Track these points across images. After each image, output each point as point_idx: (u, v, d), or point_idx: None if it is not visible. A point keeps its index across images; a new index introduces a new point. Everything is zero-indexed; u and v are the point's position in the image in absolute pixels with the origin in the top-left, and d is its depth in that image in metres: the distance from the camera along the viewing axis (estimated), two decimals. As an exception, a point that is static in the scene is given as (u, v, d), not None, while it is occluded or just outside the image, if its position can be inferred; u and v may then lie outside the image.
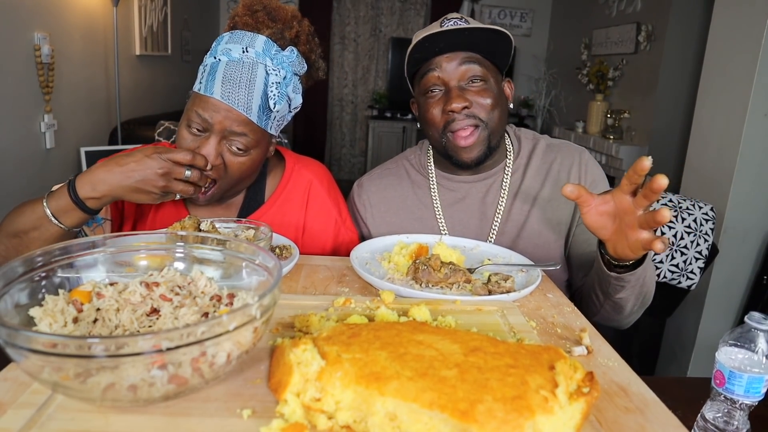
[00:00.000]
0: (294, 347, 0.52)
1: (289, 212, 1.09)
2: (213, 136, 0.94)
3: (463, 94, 1.03)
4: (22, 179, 2.25)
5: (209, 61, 0.96)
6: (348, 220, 1.16)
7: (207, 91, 0.93)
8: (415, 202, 1.17)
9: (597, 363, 0.64)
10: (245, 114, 0.93)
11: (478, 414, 0.44)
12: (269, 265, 0.61)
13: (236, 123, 0.93)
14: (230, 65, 0.93)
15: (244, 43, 0.95)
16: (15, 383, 0.53)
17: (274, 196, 1.09)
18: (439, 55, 1.04)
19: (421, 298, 0.79)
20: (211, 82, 0.93)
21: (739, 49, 2.01)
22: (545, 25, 5.37)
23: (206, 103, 0.93)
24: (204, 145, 0.94)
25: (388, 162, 1.27)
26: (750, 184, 2.03)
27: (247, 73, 0.93)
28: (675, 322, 2.28)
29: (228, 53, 0.94)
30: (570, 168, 1.12)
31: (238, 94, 0.92)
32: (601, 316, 1.03)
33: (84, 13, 2.66)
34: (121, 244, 0.68)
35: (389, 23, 5.49)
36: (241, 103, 0.93)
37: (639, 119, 3.56)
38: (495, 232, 1.11)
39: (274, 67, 0.95)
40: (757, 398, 0.72)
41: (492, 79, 1.06)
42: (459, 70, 1.03)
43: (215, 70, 0.94)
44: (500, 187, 1.13)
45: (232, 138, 0.94)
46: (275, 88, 0.95)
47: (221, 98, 0.92)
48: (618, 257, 0.84)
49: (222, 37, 0.98)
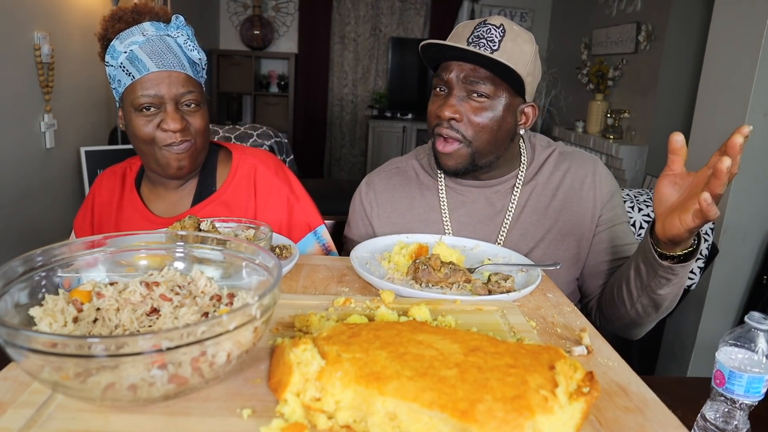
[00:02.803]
0: (294, 347, 0.52)
1: (240, 197, 1.14)
2: (168, 105, 1.01)
3: (460, 104, 1.00)
4: (22, 179, 2.25)
5: (120, 58, 1.01)
6: (303, 197, 1.18)
7: (142, 72, 0.99)
8: (422, 203, 1.15)
9: (597, 363, 0.64)
10: (183, 71, 1.02)
11: (478, 414, 0.44)
12: (269, 264, 0.61)
13: (181, 84, 1.01)
14: (145, 46, 1.00)
15: (138, 32, 1.01)
16: (15, 383, 0.53)
17: (225, 185, 1.14)
18: (451, 60, 1.01)
19: (421, 297, 0.79)
20: (139, 64, 0.99)
21: (739, 49, 2.01)
22: (545, 25, 5.37)
23: (148, 81, 0.99)
24: (165, 117, 1.00)
25: (398, 159, 1.24)
26: (750, 184, 2.03)
27: (161, 43, 1.02)
28: (675, 322, 2.28)
29: (134, 43, 1.00)
30: (584, 179, 1.09)
31: (168, 59, 1.01)
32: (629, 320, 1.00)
33: (84, 13, 2.66)
34: (121, 243, 0.68)
35: (389, 23, 5.48)
36: (176, 64, 1.01)
37: (639, 119, 3.56)
38: (502, 239, 1.10)
39: (176, 32, 1.04)
40: (757, 398, 0.72)
41: (501, 99, 1.00)
42: (465, 81, 1.00)
43: (135, 56, 1.00)
44: (510, 194, 1.11)
45: (183, 99, 1.02)
46: (189, 43, 1.04)
47: (159, 68, 0.99)
48: (664, 237, 0.83)
49: (113, 44, 1.02)
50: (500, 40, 0.98)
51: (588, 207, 1.08)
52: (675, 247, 0.86)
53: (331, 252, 1.18)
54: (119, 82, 1.02)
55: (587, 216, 1.08)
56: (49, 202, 2.45)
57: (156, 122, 1.01)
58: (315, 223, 1.17)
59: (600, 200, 1.09)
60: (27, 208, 2.29)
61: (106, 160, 2.68)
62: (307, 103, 5.37)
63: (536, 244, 1.08)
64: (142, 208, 1.13)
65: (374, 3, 5.40)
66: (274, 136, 2.65)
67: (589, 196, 1.09)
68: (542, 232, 1.09)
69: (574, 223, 1.08)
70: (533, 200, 1.10)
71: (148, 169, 1.11)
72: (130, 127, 1.03)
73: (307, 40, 5.28)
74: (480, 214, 1.12)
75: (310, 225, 1.16)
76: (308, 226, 1.16)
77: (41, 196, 2.39)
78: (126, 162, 1.22)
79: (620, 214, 1.11)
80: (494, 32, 0.98)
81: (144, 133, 1.01)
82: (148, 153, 1.04)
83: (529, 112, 1.06)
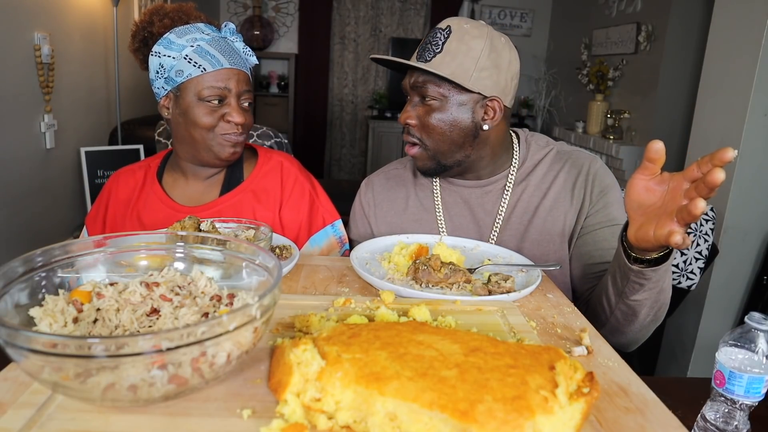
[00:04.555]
0: (294, 347, 0.52)
1: (267, 188, 1.19)
2: (232, 99, 1.08)
3: (414, 110, 1.06)
4: (22, 179, 2.25)
5: (186, 51, 1.05)
6: (322, 193, 1.24)
7: (215, 66, 1.05)
8: (417, 204, 1.17)
9: (597, 363, 0.64)
10: (247, 72, 1.11)
11: (478, 414, 0.44)
12: (269, 265, 0.61)
13: (245, 83, 1.10)
14: (213, 43, 1.07)
15: (197, 30, 1.07)
16: (15, 383, 0.53)
17: (252, 175, 1.20)
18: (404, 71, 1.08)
19: (421, 298, 0.79)
20: (212, 59, 1.05)
21: (739, 49, 2.01)
22: (545, 25, 5.36)
23: (221, 74, 1.06)
24: (230, 110, 1.07)
25: (397, 162, 1.28)
26: (750, 184, 2.03)
27: (227, 44, 1.09)
28: (675, 322, 2.28)
29: (200, 39, 1.06)
30: (576, 178, 1.09)
31: (237, 58, 1.09)
32: (610, 327, 0.97)
33: (84, 13, 2.66)
34: (121, 244, 0.68)
35: (389, 23, 5.48)
36: (242, 65, 1.10)
37: (639, 119, 3.56)
38: (494, 239, 1.10)
39: (233, 37, 1.12)
40: (757, 398, 0.72)
41: (451, 99, 1.01)
42: (414, 87, 1.05)
43: (205, 50, 1.05)
44: (501, 194, 1.12)
45: (243, 97, 1.10)
46: (247, 49, 1.13)
47: (231, 65, 1.07)
48: (637, 244, 0.79)
49: (168, 38, 1.06)
50: (444, 42, 1.01)
51: (576, 207, 1.08)
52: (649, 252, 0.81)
53: (345, 245, 1.24)
54: (180, 73, 1.06)
55: (575, 216, 1.07)
56: (49, 202, 2.45)
57: (220, 113, 1.07)
58: (332, 217, 1.23)
59: (589, 200, 1.07)
60: (27, 209, 2.29)
61: (106, 160, 2.68)
62: (307, 103, 5.37)
63: (524, 244, 1.09)
64: (165, 198, 1.17)
65: (374, 3, 5.40)
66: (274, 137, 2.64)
67: (580, 195, 1.08)
68: (531, 231, 1.09)
69: (563, 223, 1.08)
70: (525, 200, 1.10)
71: (189, 157, 1.14)
72: (189, 115, 1.07)
73: (307, 41, 5.28)
74: (472, 213, 1.13)
75: (327, 219, 1.23)
76: (325, 219, 1.22)
77: (41, 196, 2.39)
78: (144, 161, 1.26)
79: (614, 215, 1.07)
80: (439, 35, 1.02)
81: (206, 122, 1.07)
82: (201, 140, 1.09)
83: (494, 105, 1.04)
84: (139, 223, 1.15)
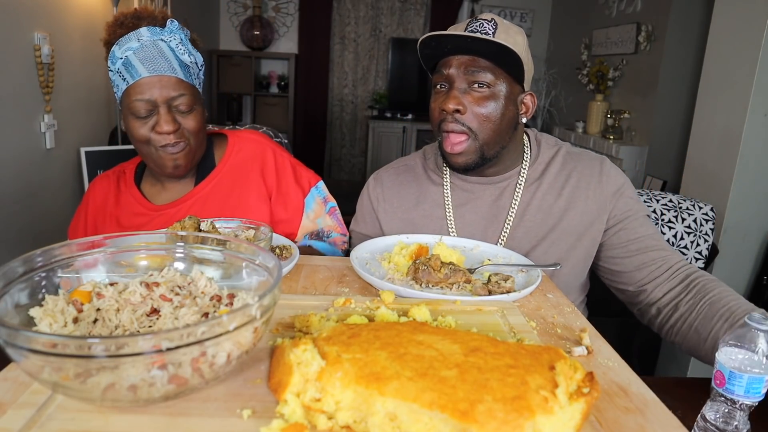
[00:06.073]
0: (294, 347, 0.52)
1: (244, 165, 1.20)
2: (160, 107, 1.05)
3: (463, 97, 1.01)
4: (22, 179, 2.25)
5: (118, 64, 1.05)
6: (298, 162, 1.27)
7: (135, 77, 1.04)
8: (428, 200, 1.16)
9: (597, 363, 0.64)
10: (174, 75, 1.06)
11: (478, 414, 0.44)
12: (269, 265, 0.61)
13: (172, 88, 1.05)
14: (138, 52, 1.04)
15: (135, 37, 1.05)
16: (15, 383, 0.53)
17: (224, 159, 1.20)
18: (449, 55, 1.02)
19: (421, 298, 0.79)
20: (132, 70, 1.04)
21: (739, 49, 2.01)
22: (545, 25, 5.36)
23: (140, 86, 1.04)
24: (158, 120, 1.05)
25: (407, 158, 1.27)
26: (750, 184, 2.03)
27: (154, 48, 1.06)
28: (675, 322, 2.27)
29: (129, 49, 1.05)
30: (590, 179, 1.09)
31: (159, 63, 1.05)
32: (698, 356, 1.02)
33: (84, 13, 2.66)
34: (121, 244, 0.68)
35: (389, 23, 5.48)
36: (166, 69, 1.05)
37: (639, 119, 3.56)
38: (505, 237, 1.10)
39: (169, 36, 1.08)
40: (757, 398, 0.72)
41: (502, 88, 1.01)
42: (466, 73, 1.00)
43: (129, 62, 1.04)
44: (513, 192, 1.11)
45: (175, 103, 1.06)
46: (181, 47, 1.08)
47: (150, 73, 1.03)
48: None
49: (113, 50, 1.06)
50: (493, 32, 1.01)
51: (594, 207, 1.08)
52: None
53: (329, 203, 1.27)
54: (118, 87, 1.07)
55: (594, 216, 1.08)
56: (49, 202, 2.45)
57: (150, 125, 1.06)
58: (314, 179, 1.28)
59: (607, 199, 1.08)
60: (27, 209, 2.29)
61: (106, 160, 2.68)
62: (307, 103, 5.37)
63: (539, 243, 1.08)
64: (143, 200, 1.17)
65: (374, 3, 5.40)
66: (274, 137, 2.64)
67: (595, 196, 1.08)
68: (545, 230, 1.08)
69: (579, 223, 1.08)
70: (538, 198, 1.10)
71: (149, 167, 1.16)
72: (128, 130, 1.08)
73: (307, 41, 5.28)
74: (484, 211, 1.12)
75: (311, 182, 1.26)
76: (310, 182, 1.26)
77: (41, 197, 2.39)
78: (119, 166, 1.26)
79: (634, 207, 1.09)
80: (487, 26, 1.01)
81: (140, 135, 1.06)
82: (146, 154, 1.10)
83: (528, 101, 1.07)
84: (118, 227, 1.16)
